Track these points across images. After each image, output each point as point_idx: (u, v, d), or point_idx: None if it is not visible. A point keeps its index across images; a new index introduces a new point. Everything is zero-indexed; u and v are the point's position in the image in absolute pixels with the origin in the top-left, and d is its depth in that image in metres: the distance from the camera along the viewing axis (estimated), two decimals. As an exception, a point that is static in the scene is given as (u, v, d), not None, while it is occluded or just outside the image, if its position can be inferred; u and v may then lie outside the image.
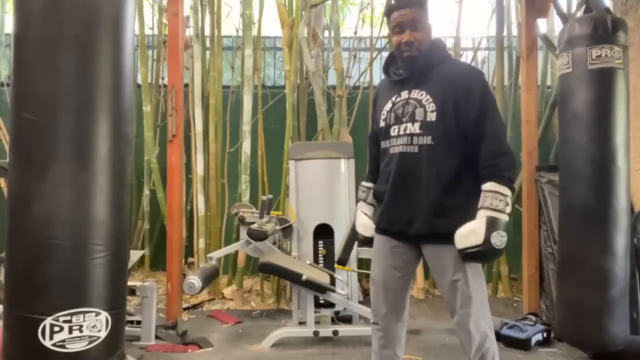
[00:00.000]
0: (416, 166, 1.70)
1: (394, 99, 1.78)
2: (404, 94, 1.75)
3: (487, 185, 1.61)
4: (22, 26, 1.66)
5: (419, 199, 1.69)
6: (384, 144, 1.81)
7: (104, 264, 1.69)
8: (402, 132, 1.73)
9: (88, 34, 1.67)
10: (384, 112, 1.79)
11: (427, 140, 1.68)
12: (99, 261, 1.67)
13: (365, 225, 1.93)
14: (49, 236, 1.61)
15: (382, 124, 1.80)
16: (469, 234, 1.58)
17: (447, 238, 1.64)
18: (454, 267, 1.67)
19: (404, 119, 1.73)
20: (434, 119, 1.67)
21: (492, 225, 1.56)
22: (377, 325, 1.88)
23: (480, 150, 1.65)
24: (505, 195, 1.60)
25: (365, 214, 1.96)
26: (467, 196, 1.68)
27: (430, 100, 1.69)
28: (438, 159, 1.67)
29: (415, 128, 1.70)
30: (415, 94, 1.73)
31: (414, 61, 1.73)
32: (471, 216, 1.62)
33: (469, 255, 1.59)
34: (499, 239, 1.56)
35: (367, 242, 1.95)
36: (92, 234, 1.66)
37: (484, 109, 1.67)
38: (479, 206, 1.61)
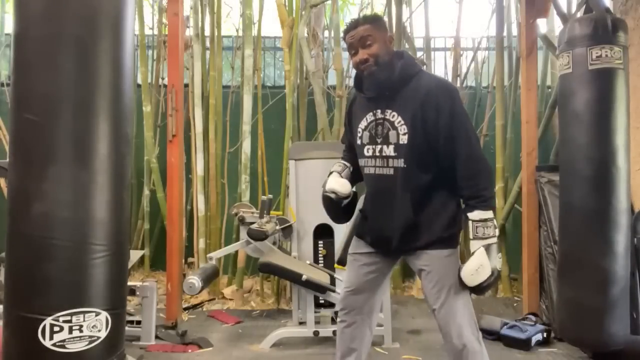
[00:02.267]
0: (391, 188, 1.72)
1: (368, 117, 1.77)
2: (378, 113, 1.74)
3: (474, 215, 1.64)
4: (22, 26, 1.66)
5: (394, 221, 1.72)
6: (359, 162, 1.84)
7: (104, 264, 1.69)
8: (377, 154, 1.74)
9: (88, 33, 1.66)
10: (359, 129, 1.79)
11: (400, 163, 1.70)
12: (99, 261, 1.67)
13: (341, 182, 1.83)
14: (49, 236, 1.61)
15: (357, 141, 1.82)
16: (477, 270, 1.61)
17: (421, 248, 1.71)
18: (436, 279, 1.70)
19: (378, 140, 1.73)
20: (405, 141, 1.68)
21: (491, 253, 1.62)
22: (344, 322, 1.89)
23: (457, 170, 1.67)
24: (492, 219, 1.64)
25: (339, 173, 1.89)
26: (438, 208, 1.72)
27: (402, 122, 1.69)
28: (411, 180, 1.70)
29: (390, 150, 1.71)
30: (388, 114, 1.72)
31: (376, 76, 1.70)
32: (440, 225, 1.70)
33: (483, 289, 1.63)
34: (498, 262, 1.65)
35: (345, 199, 1.84)
36: (92, 234, 1.66)
37: (455, 127, 1.67)
38: (471, 237, 1.64)
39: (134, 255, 3.33)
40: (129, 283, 2.90)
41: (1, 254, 2.65)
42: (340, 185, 1.81)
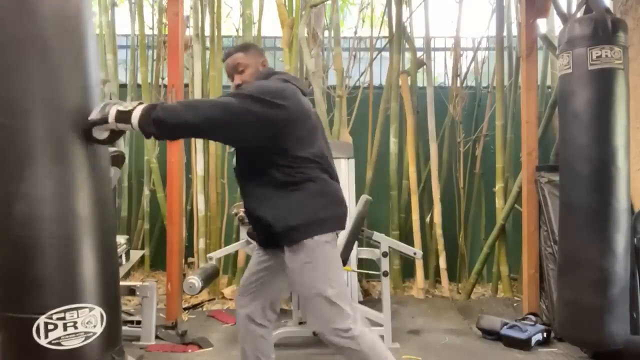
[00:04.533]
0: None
1: None
2: None
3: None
4: None
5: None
6: None
7: (92, 259, 1.69)
8: None
9: (50, 34, 1.67)
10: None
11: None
12: (87, 256, 1.68)
13: None
14: (34, 235, 1.61)
15: None
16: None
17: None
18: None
19: None
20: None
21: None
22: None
23: None
24: (125, 113, 1.55)
25: None
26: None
27: None
28: (249, 183, 1.81)
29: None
30: None
31: None
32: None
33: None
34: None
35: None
36: (76, 231, 1.66)
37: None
38: None
39: (134, 255, 3.33)
40: (129, 283, 2.91)
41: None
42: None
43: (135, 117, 1.53)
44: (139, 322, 2.85)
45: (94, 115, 1.58)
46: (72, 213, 1.65)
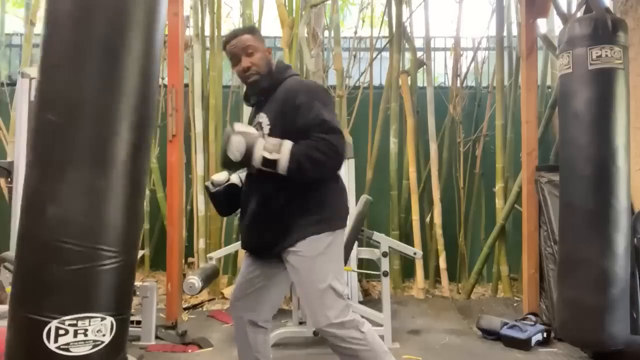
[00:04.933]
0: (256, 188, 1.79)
1: (252, 122, 1.86)
2: (257, 118, 1.82)
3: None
4: (51, 28, 1.66)
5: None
6: None
7: (114, 270, 1.68)
8: None
9: (117, 38, 1.67)
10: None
11: None
12: (109, 267, 1.67)
13: (220, 173, 1.99)
14: (62, 239, 1.60)
15: None
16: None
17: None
18: (293, 272, 1.75)
19: None
20: None
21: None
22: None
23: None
24: (274, 161, 1.63)
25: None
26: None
27: (267, 122, 1.76)
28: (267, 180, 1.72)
29: None
30: (260, 116, 1.80)
31: (257, 85, 1.81)
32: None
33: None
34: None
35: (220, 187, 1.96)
36: (104, 240, 1.66)
37: (309, 106, 1.68)
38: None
39: (134, 255, 3.32)
40: (129, 283, 2.90)
41: (1, 254, 2.66)
42: (217, 175, 1.94)
43: (282, 169, 1.62)
44: (139, 322, 2.85)
45: (238, 148, 1.63)
46: (103, 223, 1.65)
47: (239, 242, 3.26)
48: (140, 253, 3.86)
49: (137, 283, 2.89)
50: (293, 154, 1.62)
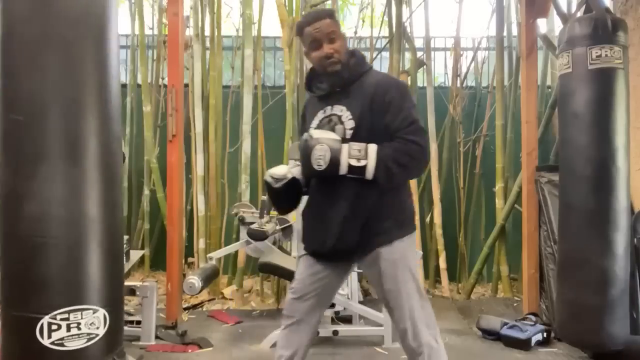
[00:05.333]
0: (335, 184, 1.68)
1: (319, 114, 1.74)
2: (328, 110, 1.72)
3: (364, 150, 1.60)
4: (8, 28, 1.66)
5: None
6: None
7: (99, 261, 1.69)
8: None
9: (73, 33, 1.67)
10: (312, 129, 1.74)
11: None
12: (94, 258, 1.68)
13: (279, 167, 1.82)
14: (43, 235, 1.61)
15: None
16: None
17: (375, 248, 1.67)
18: (384, 276, 1.67)
19: None
20: (349, 136, 1.65)
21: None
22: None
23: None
24: (362, 167, 1.59)
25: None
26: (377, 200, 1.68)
27: (350, 116, 1.67)
28: (350, 183, 1.65)
29: None
30: (337, 109, 1.70)
31: (338, 75, 1.69)
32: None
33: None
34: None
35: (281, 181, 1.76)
36: (85, 231, 1.66)
37: (400, 104, 1.64)
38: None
39: (134, 255, 3.32)
40: (129, 283, 2.90)
41: None
42: (277, 168, 1.78)
43: (369, 175, 1.59)
44: (139, 322, 2.85)
45: (323, 158, 1.58)
46: (82, 214, 1.66)
47: (239, 242, 3.28)
48: (140, 253, 3.86)
49: (137, 283, 2.90)
50: (380, 159, 1.58)
